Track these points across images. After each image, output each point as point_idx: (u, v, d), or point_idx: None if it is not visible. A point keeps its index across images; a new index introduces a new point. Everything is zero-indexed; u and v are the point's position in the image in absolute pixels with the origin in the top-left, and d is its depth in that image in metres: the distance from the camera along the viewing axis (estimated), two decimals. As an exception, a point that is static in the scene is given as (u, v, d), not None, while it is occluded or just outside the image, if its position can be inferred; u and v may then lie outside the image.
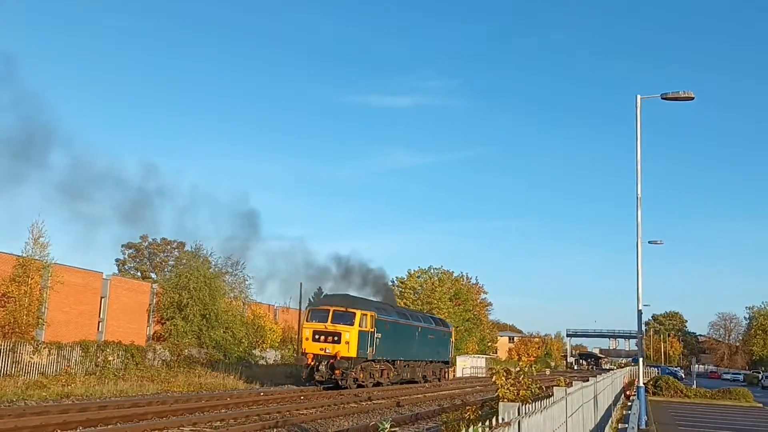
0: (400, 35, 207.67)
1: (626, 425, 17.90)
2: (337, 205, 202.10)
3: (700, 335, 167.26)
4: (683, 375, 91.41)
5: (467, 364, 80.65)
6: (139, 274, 70.49)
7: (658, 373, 72.19)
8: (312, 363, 36.22)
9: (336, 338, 36.30)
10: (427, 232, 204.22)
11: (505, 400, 11.90)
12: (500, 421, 5.02)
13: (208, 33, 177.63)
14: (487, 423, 4.67)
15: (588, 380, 14.49)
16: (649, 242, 44.91)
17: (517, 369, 14.73)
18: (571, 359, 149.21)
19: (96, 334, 43.76)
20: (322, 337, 36.63)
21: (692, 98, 25.08)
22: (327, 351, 36.09)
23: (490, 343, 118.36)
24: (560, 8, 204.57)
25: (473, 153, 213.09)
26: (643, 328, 27.45)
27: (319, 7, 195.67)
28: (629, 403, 29.06)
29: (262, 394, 31.98)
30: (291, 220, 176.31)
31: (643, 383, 27.83)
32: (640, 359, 28.51)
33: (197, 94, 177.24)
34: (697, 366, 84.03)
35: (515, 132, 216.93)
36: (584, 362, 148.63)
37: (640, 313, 26.93)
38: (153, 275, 69.08)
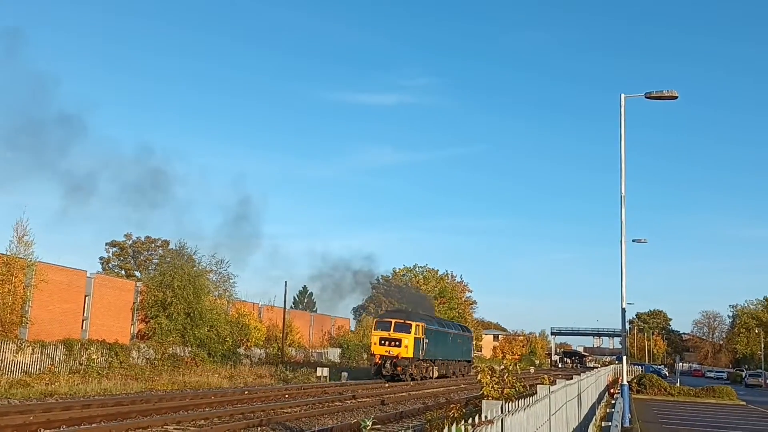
0: (386, 33, 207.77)
1: (610, 423, 17.97)
2: (322, 202, 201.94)
3: (684, 333, 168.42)
4: (667, 373, 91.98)
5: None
6: (123, 272, 70.15)
7: (642, 371, 72.63)
8: (379, 362, 46.83)
9: (397, 343, 46.74)
10: (413, 230, 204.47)
11: (490, 398, 11.93)
12: (483, 418, 5.03)
13: (190, 30, 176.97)
14: (470, 421, 4.68)
15: (572, 378, 14.54)
16: (633, 241, 45.23)
17: (502, 367, 14.78)
18: (555, 357, 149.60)
19: (80, 332, 43.51)
20: (387, 343, 47.09)
21: (676, 97, 25.22)
22: (391, 353, 46.69)
23: (475, 342, 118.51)
24: (547, 6, 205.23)
25: (459, 151, 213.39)
26: (627, 326, 27.65)
27: (304, 4, 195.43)
28: (613, 401, 29.18)
29: (246, 392, 31.96)
30: (276, 218, 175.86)
31: (627, 381, 27.99)
32: (624, 357, 28.64)
33: (181, 90, 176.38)
34: (680, 364, 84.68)
35: (502, 130, 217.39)
36: (568, 360, 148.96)
37: (623, 311, 27.08)
38: (137, 273, 68.77)
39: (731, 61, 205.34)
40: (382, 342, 47.33)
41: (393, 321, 48.25)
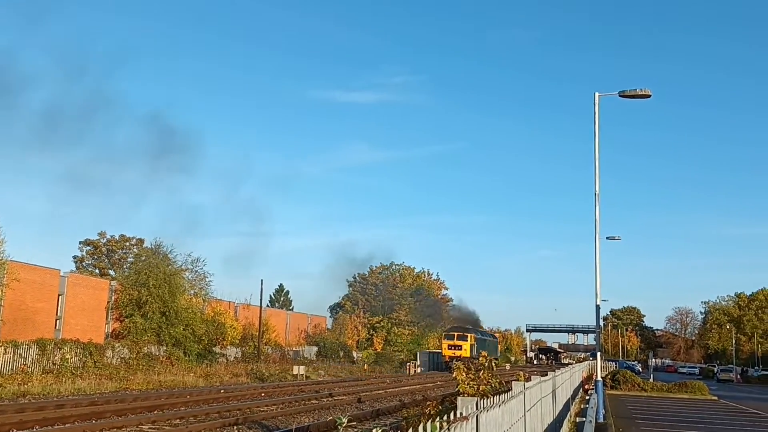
0: (366, 31, 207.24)
1: (584, 419, 18.10)
2: (301, 199, 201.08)
3: (657, 330, 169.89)
4: (641, 369, 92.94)
5: (428, 360, 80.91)
6: (97, 271, 69.51)
7: (616, 367, 73.22)
8: (448, 361, 70.19)
9: (460, 348, 73.18)
10: (393, 228, 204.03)
11: (466, 395, 11.99)
12: (458, 415, 5.06)
13: (170, 24, 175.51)
14: (445, 418, 4.71)
15: (547, 374, 14.65)
16: (607, 238, 45.38)
17: (478, 364, 14.84)
18: (530, 354, 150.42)
19: (53, 332, 43.11)
20: (453, 348, 73.50)
21: (649, 96, 25.39)
22: (455, 354, 71.13)
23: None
24: (526, 3, 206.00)
25: (439, 149, 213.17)
26: (601, 322, 28.01)
27: (282, 1, 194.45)
28: (587, 397, 29.42)
29: (222, 391, 31.85)
30: (253, 218, 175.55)
31: (601, 377, 28.22)
32: (598, 353, 28.87)
33: (159, 85, 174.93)
34: (654, 360, 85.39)
35: (481, 128, 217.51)
36: (544, 357, 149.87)
37: (597, 308, 27.25)
38: (111, 272, 68.18)
39: (706, 59, 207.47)
40: (450, 347, 74.52)
41: (456, 334, 76.01)
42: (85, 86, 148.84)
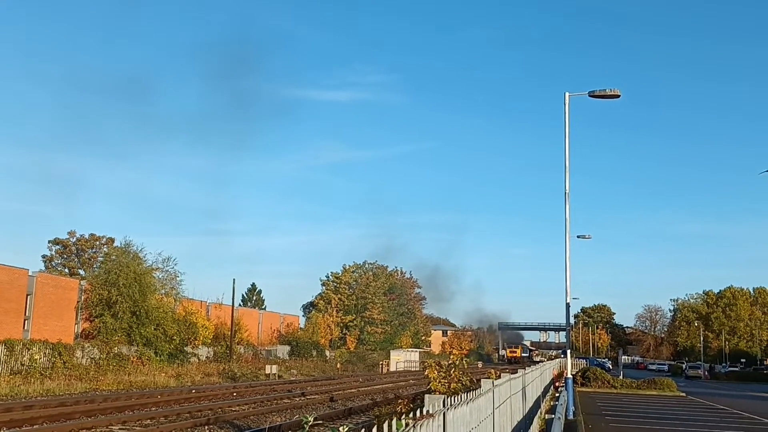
0: (340, 30, 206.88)
1: (554, 416, 18.26)
2: (273, 199, 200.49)
3: (628, 327, 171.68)
4: (611, 366, 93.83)
5: (401, 358, 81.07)
6: (66, 270, 68.79)
7: (586, 364, 73.85)
8: (509, 358, 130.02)
9: (516, 351, 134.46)
10: (363, 227, 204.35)
11: (437, 392, 12.07)
12: (426, 413, 5.10)
13: (149, 26, 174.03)
14: (411, 415, 4.75)
15: (517, 372, 14.78)
16: (577, 237, 45.89)
17: (449, 362, 14.96)
18: (503, 352, 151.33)
19: (21, 332, 42.58)
20: (512, 352, 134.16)
21: (618, 96, 25.68)
22: (514, 356, 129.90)
23: (423, 337, 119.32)
24: (498, 3, 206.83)
25: (411, 148, 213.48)
26: (572, 320, 28.34)
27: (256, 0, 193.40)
28: (558, 395, 29.66)
29: (194, 391, 31.73)
30: (228, 215, 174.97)
31: (572, 375, 28.47)
32: (568, 351, 29.15)
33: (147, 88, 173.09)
34: (624, 357, 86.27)
35: (453, 127, 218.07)
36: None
37: (568, 306, 27.51)
38: (81, 272, 67.51)
39: (672, 59, 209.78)
40: (510, 352, 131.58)
41: (513, 345, 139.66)
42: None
